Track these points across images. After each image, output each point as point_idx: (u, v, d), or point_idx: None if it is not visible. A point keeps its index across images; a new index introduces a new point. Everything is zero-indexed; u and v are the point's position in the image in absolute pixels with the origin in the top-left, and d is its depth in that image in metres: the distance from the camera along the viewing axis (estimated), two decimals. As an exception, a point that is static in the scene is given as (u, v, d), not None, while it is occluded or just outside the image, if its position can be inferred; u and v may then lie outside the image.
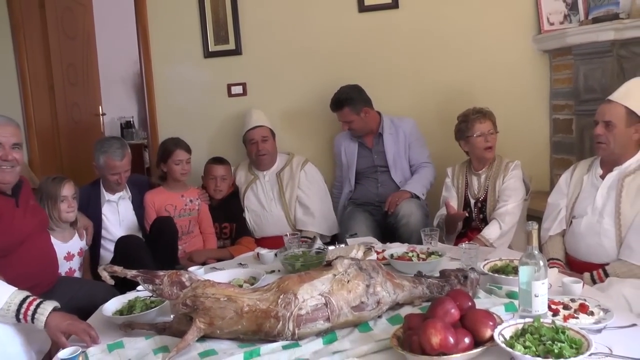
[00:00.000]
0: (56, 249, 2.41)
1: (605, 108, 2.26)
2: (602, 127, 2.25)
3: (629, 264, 2.15)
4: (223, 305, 1.59)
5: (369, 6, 3.59)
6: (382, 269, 1.79)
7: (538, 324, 1.40)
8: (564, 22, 3.43)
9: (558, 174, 3.38)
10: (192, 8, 3.64)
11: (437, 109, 3.59)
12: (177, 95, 3.70)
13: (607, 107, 2.26)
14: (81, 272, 2.67)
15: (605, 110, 2.26)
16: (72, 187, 2.61)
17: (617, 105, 2.23)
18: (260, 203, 3.34)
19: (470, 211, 2.92)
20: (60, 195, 2.54)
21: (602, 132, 2.25)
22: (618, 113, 2.22)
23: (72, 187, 2.60)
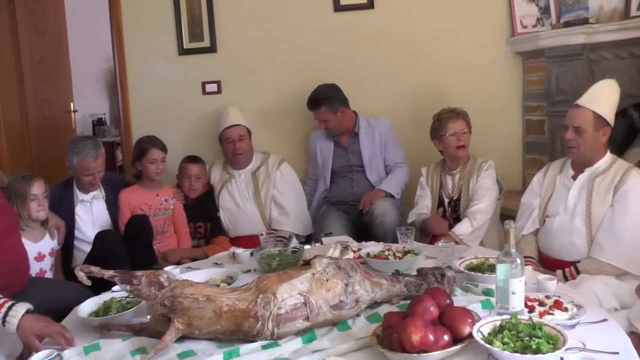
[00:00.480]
0: (27, 249, 2.35)
1: (574, 113, 2.32)
2: (572, 132, 2.31)
3: (598, 261, 2.21)
4: (202, 305, 1.57)
5: (345, 6, 3.60)
6: (360, 267, 1.80)
7: (515, 321, 1.43)
8: (537, 25, 3.50)
9: (530, 173, 3.46)
10: (167, 4, 3.59)
11: (412, 109, 3.62)
12: (151, 92, 3.64)
13: (576, 113, 2.32)
14: (52, 273, 2.61)
15: (574, 116, 2.31)
16: (43, 185, 2.54)
17: (585, 110, 2.29)
18: (235, 202, 3.32)
19: (445, 210, 2.96)
20: (30, 193, 2.48)
21: (572, 136, 2.31)
22: (586, 118, 2.28)
23: (42, 185, 2.54)
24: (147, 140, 3.06)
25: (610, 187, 2.26)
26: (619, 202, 2.22)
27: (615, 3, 3.17)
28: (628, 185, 2.22)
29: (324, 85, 3.34)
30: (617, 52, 3.11)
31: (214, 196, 3.34)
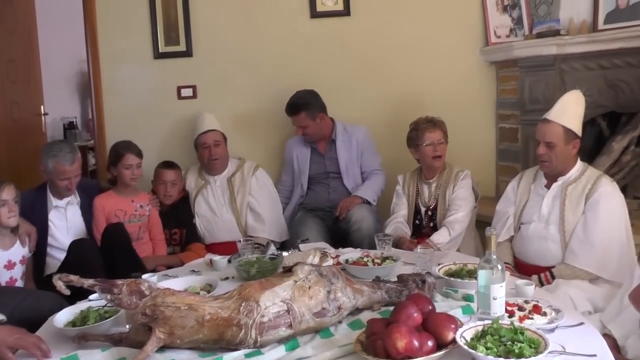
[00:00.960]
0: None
1: (545, 128, 2.39)
2: (544, 147, 2.38)
3: (572, 267, 2.28)
4: (184, 314, 1.55)
5: (321, 12, 3.62)
6: (341, 274, 1.80)
7: (497, 326, 1.45)
8: (510, 35, 3.58)
9: (503, 180, 3.53)
10: (143, 7, 3.53)
11: (388, 116, 3.65)
12: (126, 96, 3.58)
13: (546, 128, 2.38)
14: (23, 282, 2.53)
15: (545, 131, 2.38)
16: (13, 190, 2.46)
17: (555, 125, 2.36)
18: (211, 208, 3.29)
19: (421, 219, 2.99)
20: (0, 199, 2.41)
21: (544, 151, 2.38)
22: (557, 133, 2.35)
23: (12, 191, 2.46)
24: (122, 145, 3.01)
25: (582, 195, 2.33)
26: (590, 210, 2.29)
27: (584, 16, 3.27)
28: (599, 194, 2.29)
29: (303, 91, 3.34)
30: (587, 63, 3.21)
31: (190, 202, 3.30)
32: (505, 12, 3.62)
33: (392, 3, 3.64)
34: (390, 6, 3.64)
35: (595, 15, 3.22)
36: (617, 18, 3.16)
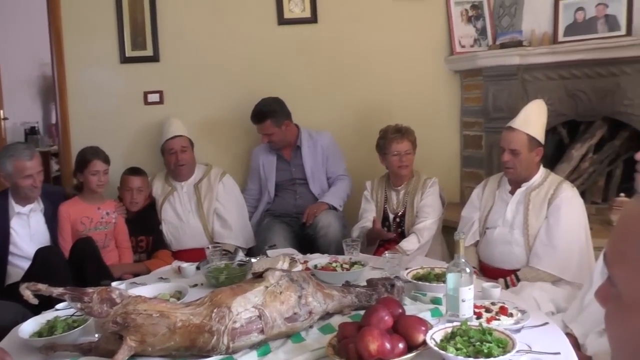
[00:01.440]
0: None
1: (509, 136, 2.46)
2: (508, 155, 2.45)
3: (536, 269, 2.35)
4: (155, 321, 1.54)
5: (288, 19, 3.63)
6: (312, 279, 1.82)
7: (466, 327, 1.49)
8: (474, 45, 3.68)
9: (468, 186, 3.61)
10: (109, 11, 3.47)
11: (355, 123, 3.68)
12: (91, 101, 3.50)
13: (511, 136, 2.46)
14: (-17, 291, 2.46)
15: (510, 139, 2.46)
16: None
17: (519, 133, 2.44)
18: (178, 215, 3.26)
19: (389, 225, 3.02)
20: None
21: (509, 158, 2.45)
22: (521, 140, 2.43)
23: None
24: (89, 151, 2.96)
25: (545, 201, 2.41)
26: (553, 214, 2.37)
27: (545, 28, 3.39)
28: (560, 199, 2.38)
29: (268, 98, 3.34)
30: (548, 73, 3.32)
31: (156, 209, 3.26)
32: (469, 22, 3.71)
33: (358, 11, 3.67)
34: (357, 14, 3.67)
35: (556, 27, 3.34)
36: (576, 31, 3.29)
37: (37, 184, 2.69)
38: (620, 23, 3.17)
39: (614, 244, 0.53)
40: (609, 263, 0.54)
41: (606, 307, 0.55)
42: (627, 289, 0.50)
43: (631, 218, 0.51)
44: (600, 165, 3.37)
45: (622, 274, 0.51)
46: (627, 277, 0.50)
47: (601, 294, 0.56)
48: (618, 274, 0.52)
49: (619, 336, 0.54)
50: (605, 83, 3.19)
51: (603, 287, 0.56)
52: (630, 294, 0.50)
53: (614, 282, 0.52)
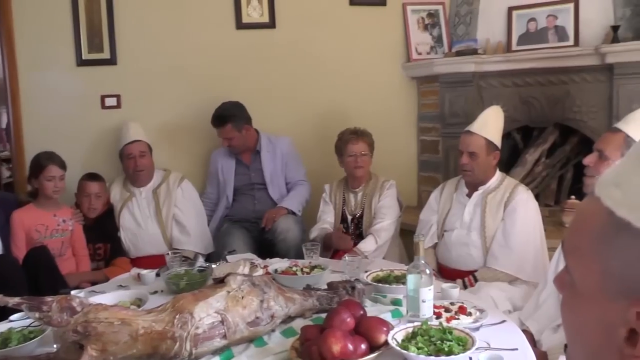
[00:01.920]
0: None
1: (468, 140, 2.53)
2: (466, 157, 2.52)
3: (494, 269, 2.42)
4: (117, 329, 1.50)
5: (247, 24, 3.62)
6: (273, 283, 1.82)
7: (426, 327, 1.53)
8: (431, 52, 3.77)
9: (425, 190, 3.69)
10: (65, 11, 3.37)
11: (314, 127, 3.71)
12: (46, 104, 3.40)
13: (469, 139, 2.53)
14: None
15: (468, 142, 2.52)
16: None
17: (477, 136, 2.51)
18: (136, 221, 3.20)
19: (347, 227, 3.05)
20: None
21: (467, 161, 2.52)
22: (479, 144, 2.50)
23: None
24: (45, 157, 2.88)
25: (501, 203, 2.48)
26: (509, 217, 2.44)
27: (499, 37, 3.51)
28: (516, 201, 2.45)
29: (229, 102, 3.33)
30: (503, 80, 3.44)
31: (114, 215, 3.20)
32: (425, 30, 3.80)
33: (316, 17, 3.70)
34: (315, 20, 3.70)
35: (509, 36, 3.46)
36: (528, 40, 3.42)
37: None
38: (569, 34, 3.31)
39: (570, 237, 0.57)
40: (566, 253, 0.57)
41: (562, 293, 0.59)
42: (580, 278, 0.54)
43: (585, 215, 0.55)
44: (552, 169, 3.51)
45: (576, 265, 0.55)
46: (580, 267, 0.54)
47: (559, 281, 0.60)
48: (573, 264, 0.56)
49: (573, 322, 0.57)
50: (556, 91, 3.32)
51: (561, 275, 0.60)
52: (582, 283, 0.54)
53: (570, 271, 0.56)
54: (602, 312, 0.51)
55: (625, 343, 0.49)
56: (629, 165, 0.52)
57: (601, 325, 0.51)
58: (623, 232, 0.49)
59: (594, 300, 0.52)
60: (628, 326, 0.48)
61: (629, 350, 0.48)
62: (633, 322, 0.48)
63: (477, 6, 3.63)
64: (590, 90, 3.21)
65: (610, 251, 0.50)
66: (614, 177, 0.53)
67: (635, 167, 0.51)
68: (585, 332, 0.54)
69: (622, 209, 0.49)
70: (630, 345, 0.48)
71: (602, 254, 0.51)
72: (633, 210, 0.49)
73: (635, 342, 0.48)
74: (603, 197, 0.52)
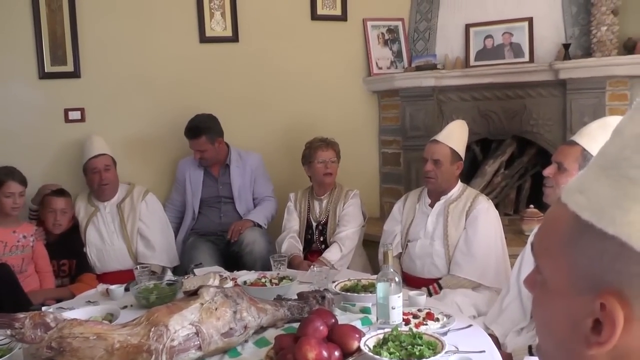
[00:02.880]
0: None
1: (433, 148, 2.63)
2: (431, 164, 2.60)
3: (457, 277, 2.51)
4: (92, 344, 1.51)
5: (210, 37, 3.64)
6: (245, 294, 1.85)
7: (397, 333, 1.58)
8: (391, 67, 3.88)
9: (387, 201, 3.77)
10: (26, 22, 3.31)
11: (277, 140, 3.74)
12: (7, 118, 3.31)
13: (435, 147, 2.62)
14: None
15: (433, 150, 2.62)
16: None
17: (443, 145, 2.61)
18: (102, 237, 3.16)
19: (312, 233, 3.11)
20: None
21: (431, 168, 2.60)
22: (444, 152, 2.60)
23: None
24: (3, 172, 2.82)
25: (463, 212, 2.58)
26: (470, 225, 2.54)
27: (458, 53, 3.64)
28: (477, 210, 2.55)
29: (203, 115, 3.34)
30: (462, 95, 3.57)
31: (80, 231, 3.15)
32: (386, 45, 3.91)
33: (279, 31, 3.75)
34: (277, 34, 3.75)
35: (467, 52, 3.60)
36: (485, 56, 3.57)
37: None
38: (524, 50, 3.47)
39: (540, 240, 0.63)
40: (536, 255, 0.64)
41: (533, 292, 0.65)
42: (550, 277, 0.60)
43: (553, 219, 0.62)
44: (511, 180, 3.65)
45: (547, 265, 0.61)
46: (551, 267, 0.60)
47: (529, 281, 0.66)
48: (543, 264, 0.62)
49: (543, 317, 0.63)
50: (513, 104, 3.47)
51: (531, 275, 0.66)
52: (552, 280, 0.60)
53: (540, 271, 0.62)
54: (570, 306, 0.57)
55: (591, 332, 0.55)
56: (591, 174, 0.58)
57: (570, 317, 0.57)
58: (587, 233, 0.55)
59: (563, 296, 0.58)
60: (593, 317, 0.54)
61: (594, 338, 0.54)
62: (597, 312, 0.54)
63: (436, 22, 3.77)
64: (546, 104, 3.37)
65: (577, 250, 0.56)
66: (578, 186, 0.59)
67: (597, 175, 0.57)
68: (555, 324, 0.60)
69: (586, 213, 0.55)
70: (596, 334, 0.54)
71: (570, 253, 0.57)
72: (595, 213, 0.55)
73: (599, 331, 0.54)
74: (569, 203, 0.58)
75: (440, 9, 3.75)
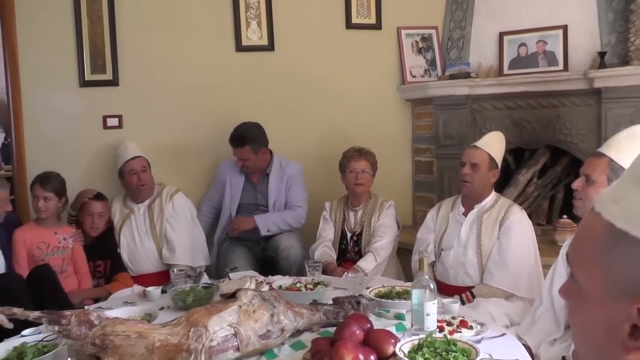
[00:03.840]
0: None
1: (472, 152, 2.64)
2: (468, 168, 2.61)
3: (490, 286, 2.50)
4: (133, 342, 1.56)
5: (246, 46, 3.70)
6: (282, 298, 1.89)
7: (431, 339, 1.60)
8: (425, 75, 3.88)
9: (420, 210, 3.77)
10: (68, 33, 3.43)
11: (312, 147, 3.78)
12: (49, 125, 3.43)
13: (474, 152, 2.64)
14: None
15: (472, 154, 2.63)
16: None
17: (482, 151, 2.63)
18: (134, 238, 3.21)
19: (347, 243, 3.11)
20: None
21: (468, 171, 2.61)
22: (483, 157, 2.61)
23: None
24: (38, 176, 2.93)
25: (496, 222, 2.57)
26: (504, 235, 2.53)
27: (491, 61, 3.63)
28: (511, 220, 2.54)
29: (250, 123, 3.35)
30: (495, 103, 3.55)
31: (115, 233, 3.22)
32: (419, 53, 3.92)
33: (314, 40, 3.80)
34: (313, 42, 3.80)
35: (501, 61, 3.59)
36: (519, 65, 3.55)
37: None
38: (558, 59, 3.44)
39: (575, 249, 0.65)
40: (571, 264, 0.65)
41: (569, 300, 0.66)
42: (585, 284, 0.62)
43: (586, 228, 0.63)
44: (544, 190, 3.61)
45: (582, 273, 0.63)
46: (586, 275, 0.62)
47: (564, 290, 0.68)
48: (578, 272, 0.63)
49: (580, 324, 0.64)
50: (547, 113, 3.44)
51: (566, 284, 0.67)
52: (588, 288, 0.61)
53: (576, 279, 0.64)
54: (606, 312, 0.59)
55: (629, 337, 0.56)
56: (624, 184, 0.60)
57: (606, 323, 0.58)
58: (621, 240, 0.57)
59: (599, 302, 0.60)
60: (630, 322, 0.56)
61: (632, 343, 0.56)
62: (635, 318, 0.55)
63: (470, 31, 3.77)
64: (580, 113, 3.34)
65: (611, 258, 0.58)
66: (611, 195, 0.61)
67: (630, 186, 0.59)
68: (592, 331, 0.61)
69: (620, 221, 0.57)
70: (633, 339, 0.55)
71: (605, 261, 0.59)
72: (629, 221, 0.57)
73: (638, 336, 0.55)
74: (603, 212, 0.60)
75: (474, 17, 3.75)
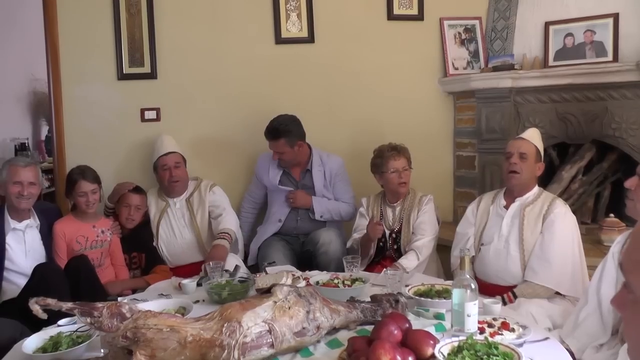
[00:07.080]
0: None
1: (519, 142, 2.58)
2: (517, 157, 2.54)
3: (533, 284, 2.40)
4: (165, 336, 1.54)
5: (286, 39, 3.67)
6: (318, 295, 1.84)
7: (472, 341, 1.53)
8: (467, 67, 3.77)
9: (460, 205, 3.67)
10: (107, 27, 3.47)
11: (349, 142, 3.72)
12: (88, 117, 3.48)
13: (521, 142, 2.58)
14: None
15: (520, 144, 2.57)
16: None
17: (529, 142, 2.57)
18: (173, 231, 3.24)
19: (385, 241, 3.03)
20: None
21: (517, 161, 2.54)
22: (530, 148, 2.56)
23: None
24: (76, 172, 2.93)
25: (540, 216, 2.47)
26: (547, 230, 2.43)
27: (536, 52, 3.49)
28: (554, 214, 2.44)
29: (285, 116, 3.31)
30: (539, 96, 3.42)
31: (150, 225, 3.24)
32: (462, 45, 3.81)
33: (354, 31, 3.74)
34: (353, 34, 3.74)
35: (546, 52, 3.45)
36: (565, 56, 3.40)
37: (25, 193, 2.63)
38: (607, 49, 3.28)
39: (630, 255, 0.57)
40: (626, 271, 0.58)
41: (624, 313, 0.59)
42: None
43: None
44: (589, 187, 3.46)
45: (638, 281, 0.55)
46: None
47: (618, 301, 0.60)
48: (634, 281, 0.56)
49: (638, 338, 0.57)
50: (594, 107, 3.29)
51: (619, 295, 0.60)
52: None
53: (632, 289, 0.56)
54: None
55: None
56: None
57: None
58: None
59: None
60: None
61: None
62: None
63: (514, 21, 3.63)
64: (630, 106, 3.17)
65: None
66: None
67: None
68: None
69: None
70: None
71: None
72: None
73: None
74: None
75: (519, 6, 3.61)
